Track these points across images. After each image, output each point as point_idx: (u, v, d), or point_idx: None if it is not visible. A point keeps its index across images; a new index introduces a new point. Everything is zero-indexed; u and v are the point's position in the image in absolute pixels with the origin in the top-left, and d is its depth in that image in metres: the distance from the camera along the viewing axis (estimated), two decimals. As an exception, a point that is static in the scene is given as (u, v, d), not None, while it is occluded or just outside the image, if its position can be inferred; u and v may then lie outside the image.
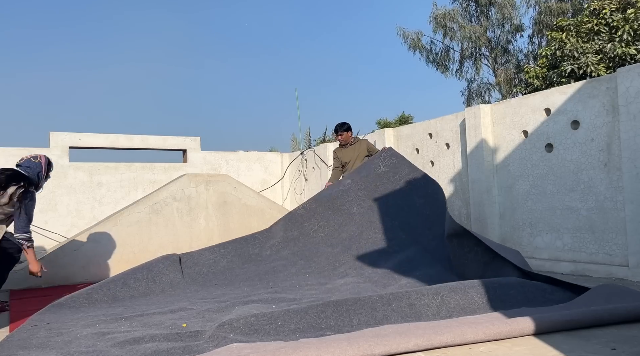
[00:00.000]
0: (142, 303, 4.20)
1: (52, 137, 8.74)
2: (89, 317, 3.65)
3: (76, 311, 3.89)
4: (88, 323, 3.43)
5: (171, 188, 6.86)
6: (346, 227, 5.42)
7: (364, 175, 5.78)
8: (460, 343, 2.73)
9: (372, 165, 5.79)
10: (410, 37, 23.82)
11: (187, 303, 4.04)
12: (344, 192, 5.71)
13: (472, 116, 6.29)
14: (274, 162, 10.86)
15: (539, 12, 21.27)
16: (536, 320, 2.89)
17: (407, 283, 4.17)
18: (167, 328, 3.16)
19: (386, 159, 5.75)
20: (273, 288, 4.45)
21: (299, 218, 5.66)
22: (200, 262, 5.15)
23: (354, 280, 4.45)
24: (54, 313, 3.82)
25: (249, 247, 5.42)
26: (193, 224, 6.84)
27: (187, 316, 3.49)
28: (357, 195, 5.63)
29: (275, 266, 5.06)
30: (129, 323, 3.39)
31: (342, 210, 5.57)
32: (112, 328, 3.27)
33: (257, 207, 7.30)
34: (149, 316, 3.58)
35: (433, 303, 3.24)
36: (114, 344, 2.86)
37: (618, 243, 4.86)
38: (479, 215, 6.20)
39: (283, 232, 5.56)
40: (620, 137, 4.75)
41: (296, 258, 5.16)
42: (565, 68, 10.86)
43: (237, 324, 2.93)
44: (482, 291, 3.36)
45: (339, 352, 2.45)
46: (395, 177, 5.58)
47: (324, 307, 3.11)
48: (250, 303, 3.84)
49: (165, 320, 3.40)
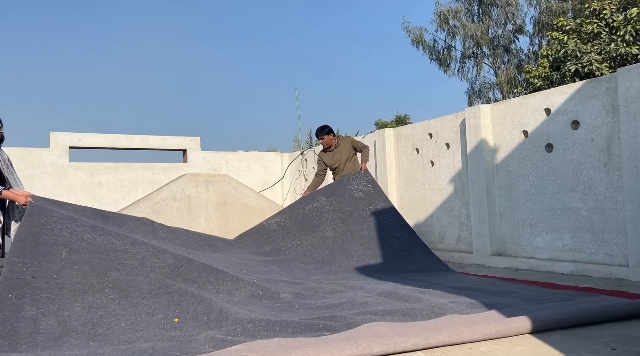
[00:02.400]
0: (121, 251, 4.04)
1: (52, 137, 8.74)
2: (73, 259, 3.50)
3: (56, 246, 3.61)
4: (75, 287, 3.31)
5: (171, 188, 6.86)
6: (319, 249, 5.48)
7: (339, 194, 5.87)
8: (457, 342, 2.75)
9: (349, 186, 5.90)
10: (414, 32, 23.84)
11: (163, 268, 3.81)
12: (319, 211, 5.77)
13: (472, 116, 6.29)
14: (274, 162, 10.86)
15: (540, 11, 21.28)
16: (531, 319, 2.94)
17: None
18: (159, 322, 3.12)
19: (362, 184, 5.89)
20: (248, 276, 4.39)
21: (272, 234, 5.70)
22: (174, 232, 5.18)
23: (329, 286, 4.42)
24: (36, 259, 3.47)
25: (219, 243, 5.46)
26: (193, 224, 6.84)
27: (171, 300, 3.39)
28: (331, 217, 5.72)
29: (247, 262, 5.04)
30: (117, 302, 3.30)
31: (316, 231, 5.64)
32: (100, 303, 3.21)
33: (257, 207, 7.30)
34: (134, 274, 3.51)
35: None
36: (106, 343, 2.85)
37: (618, 243, 4.85)
38: (479, 215, 6.20)
39: (255, 247, 5.59)
40: (620, 137, 4.74)
41: (268, 263, 5.18)
42: (570, 68, 10.86)
43: (235, 332, 2.93)
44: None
45: (337, 351, 2.45)
46: (370, 207, 5.76)
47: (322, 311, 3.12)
48: (229, 269, 3.94)
49: (152, 288, 3.37)
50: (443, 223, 6.95)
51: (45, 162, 8.60)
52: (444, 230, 6.94)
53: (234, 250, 5.45)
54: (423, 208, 7.30)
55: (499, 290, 4.12)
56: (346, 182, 5.96)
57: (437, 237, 7.06)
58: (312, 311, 3.38)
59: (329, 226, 5.66)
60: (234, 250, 5.45)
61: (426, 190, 7.24)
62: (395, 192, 7.74)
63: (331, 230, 5.64)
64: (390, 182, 7.76)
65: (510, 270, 5.59)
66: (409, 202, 7.56)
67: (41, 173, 8.56)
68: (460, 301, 3.56)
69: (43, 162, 8.55)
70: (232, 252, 5.39)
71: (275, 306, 3.59)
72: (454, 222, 6.78)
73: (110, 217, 4.82)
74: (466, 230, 6.57)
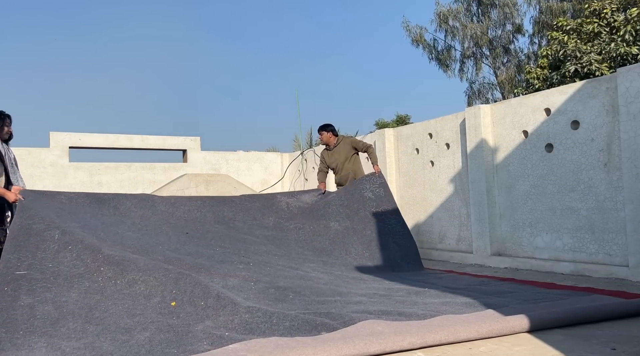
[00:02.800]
0: (115, 235, 4.13)
1: (52, 137, 8.75)
2: (68, 248, 3.53)
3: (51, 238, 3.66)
4: (70, 272, 3.32)
5: (171, 188, 6.86)
6: (319, 238, 5.51)
7: (350, 192, 5.92)
8: (453, 340, 2.76)
9: (360, 185, 5.95)
10: (414, 31, 23.83)
11: (159, 253, 3.93)
12: (327, 204, 5.84)
13: (472, 116, 6.28)
14: (273, 162, 10.86)
15: (540, 11, 21.27)
16: (527, 318, 2.96)
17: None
18: (157, 306, 3.10)
19: (374, 185, 5.94)
20: (245, 257, 4.41)
21: (279, 211, 5.73)
22: (175, 204, 5.20)
23: (325, 277, 4.43)
24: (30, 251, 3.51)
25: (224, 208, 5.46)
26: (193, 224, 6.84)
27: (169, 277, 3.38)
28: (337, 211, 5.77)
29: (247, 238, 5.05)
30: (113, 283, 3.31)
31: (321, 220, 5.68)
32: (97, 287, 3.21)
33: (257, 207, 7.29)
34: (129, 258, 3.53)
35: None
36: (103, 328, 2.83)
37: (618, 243, 4.85)
38: (479, 215, 6.20)
39: (260, 214, 5.61)
40: (620, 137, 4.74)
41: (267, 241, 5.19)
42: (569, 68, 10.86)
43: (232, 325, 2.92)
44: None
45: (335, 351, 2.45)
46: (378, 209, 5.79)
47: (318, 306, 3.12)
48: (227, 263, 4.01)
49: (149, 269, 3.37)
50: (443, 223, 6.95)
51: (45, 162, 8.60)
52: (444, 230, 6.94)
53: (238, 217, 5.44)
54: (423, 208, 7.30)
55: (494, 290, 4.14)
56: (360, 182, 6.02)
57: (437, 237, 7.05)
58: (307, 305, 3.37)
59: (333, 218, 5.70)
60: (237, 217, 5.44)
61: (426, 190, 7.24)
62: (395, 192, 7.74)
63: (335, 223, 5.67)
64: (390, 182, 7.75)
65: (510, 270, 5.59)
66: (409, 202, 7.56)
67: (41, 173, 8.56)
68: (456, 301, 3.57)
69: (43, 162, 8.55)
70: (236, 220, 5.39)
71: (270, 292, 3.58)
72: (454, 222, 6.78)
73: (105, 200, 4.81)
74: (466, 230, 6.56)
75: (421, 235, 7.30)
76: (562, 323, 3.05)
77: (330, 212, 5.76)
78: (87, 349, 2.64)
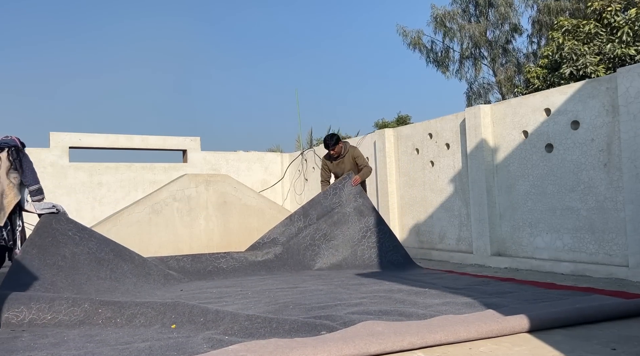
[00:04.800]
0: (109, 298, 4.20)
1: (52, 137, 8.74)
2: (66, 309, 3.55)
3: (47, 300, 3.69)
4: (71, 321, 3.39)
5: (171, 189, 6.86)
6: (315, 260, 5.86)
7: (329, 216, 6.15)
8: (453, 340, 2.76)
9: (336, 199, 6.24)
10: (411, 35, 23.83)
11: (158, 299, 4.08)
12: (311, 238, 6.00)
13: (472, 116, 6.28)
14: (274, 162, 10.85)
15: (538, 11, 21.27)
16: (526, 318, 2.96)
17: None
18: (157, 331, 3.14)
19: (350, 195, 6.21)
20: (243, 291, 4.46)
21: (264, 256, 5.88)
22: (182, 268, 5.45)
23: (324, 287, 4.47)
24: (24, 304, 3.57)
25: (223, 265, 5.67)
26: (193, 224, 6.84)
27: (167, 306, 3.42)
28: (325, 246, 5.98)
29: (242, 282, 5.12)
30: (114, 322, 3.36)
31: (310, 266, 5.83)
32: (97, 331, 3.26)
33: (257, 207, 7.29)
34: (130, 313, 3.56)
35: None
36: (104, 344, 2.86)
37: (618, 244, 4.85)
38: (479, 215, 6.20)
39: (251, 254, 5.82)
40: (620, 137, 4.74)
41: (264, 271, 5.59)
42: (564, 71, 10.85)
43: (232, 331, 2.93)
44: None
45: (335, 351, 2.45)
46: (362, 217, 6.08)
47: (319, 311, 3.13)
48: (225, 296, 4.10)
49: (150, 318, 3.39)
50: (443, 223, 6.95)
51: (45, 162, 8.59)
52: (444, 230, 6.94)
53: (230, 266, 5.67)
54: (423, 208, 7.30)
55: (494, 290, 4.14)
56: (332, 195, 6.25)
57: (437, 237, 7.05)
58: (307, 311, 3.40)
59: (320, 261, 5.86)
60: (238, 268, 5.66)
61: (426, 190, 7.24)
62: (395, 192, 7.75)
63: (322, 264, 5.84)
64: (390, 182, 7.76)
65: (510, 270, 5.59)
66: (409, 202, 7.56)
67: (41, 173, 8.49)
68: (456, 301, 3.57)
69: (43, 162, 8.54)
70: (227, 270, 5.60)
71: (270, 306, 3.62)
72: (454, 222, 6.78)
73: (105, 261, 4.83)
74: (466, 230, 6.56)
75: (421, 235, 7.30)
76: (562, 323, 3.05)
77: (318, 252, 5.90)
78: (87, 355, 2.68)
